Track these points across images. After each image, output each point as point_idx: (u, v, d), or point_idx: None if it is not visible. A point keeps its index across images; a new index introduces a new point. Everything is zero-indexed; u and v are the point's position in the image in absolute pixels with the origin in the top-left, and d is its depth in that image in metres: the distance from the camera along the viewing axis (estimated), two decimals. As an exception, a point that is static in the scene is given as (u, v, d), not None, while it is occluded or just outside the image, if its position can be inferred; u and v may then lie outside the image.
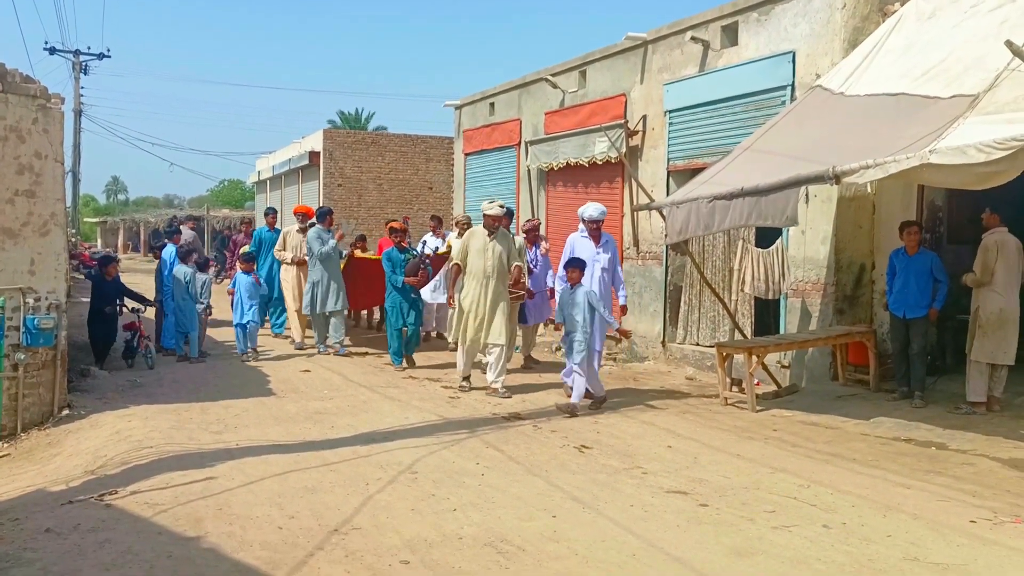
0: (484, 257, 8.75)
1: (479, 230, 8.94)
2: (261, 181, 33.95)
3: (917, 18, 7.99)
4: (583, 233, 8.85)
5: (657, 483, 5.70)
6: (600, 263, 8.70)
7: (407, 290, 10.35)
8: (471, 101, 17.16)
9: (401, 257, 10.41)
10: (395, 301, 10.39)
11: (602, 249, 8.79)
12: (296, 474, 5.81)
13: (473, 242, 8.88)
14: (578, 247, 8.76)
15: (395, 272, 10.28)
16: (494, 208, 8.85)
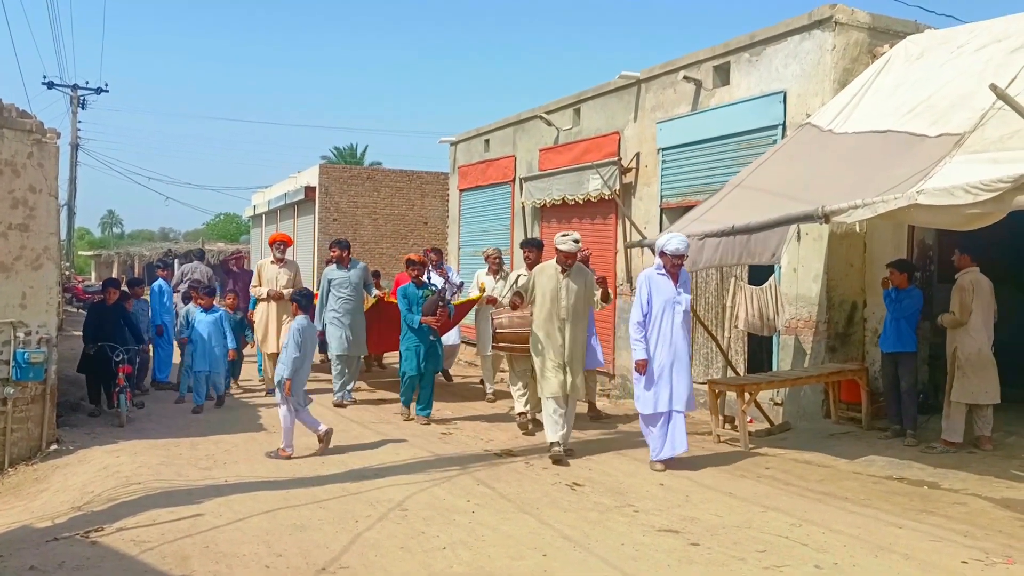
0: (557, 299, 7.55)
1: (549, 267, 7.71)
2: (257, 215, 34.07)
3: (906, 59, 8.11)
4: (660, 270, 7.33)
5: (649, 521, 5.67)
6: (681, 305, 7.28)
7: (425, 331, 9.18)
8: (466, 138, 17.30)
9: (418, 294, 9.25)
10: (411, 343, 9.16)
11: (682, 289, 7.35)
12: (285, 511, 5.77)
13: (543, 281, 7.64)
14: (655, 288, 7.29)
15: (411, 311, 9.14)
16: (568, 243, 7.55)
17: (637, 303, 7.32)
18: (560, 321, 7.52)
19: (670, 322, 7.22)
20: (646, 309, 7.25)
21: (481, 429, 8.88)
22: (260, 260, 11.46)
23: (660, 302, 7.24)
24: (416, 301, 9.17)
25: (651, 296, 7.26)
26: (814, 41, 8.98)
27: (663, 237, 7.36)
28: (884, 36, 8.85)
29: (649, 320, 7.25)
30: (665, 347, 7.22)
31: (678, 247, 7.18)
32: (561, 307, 7.53)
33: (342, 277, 10.50)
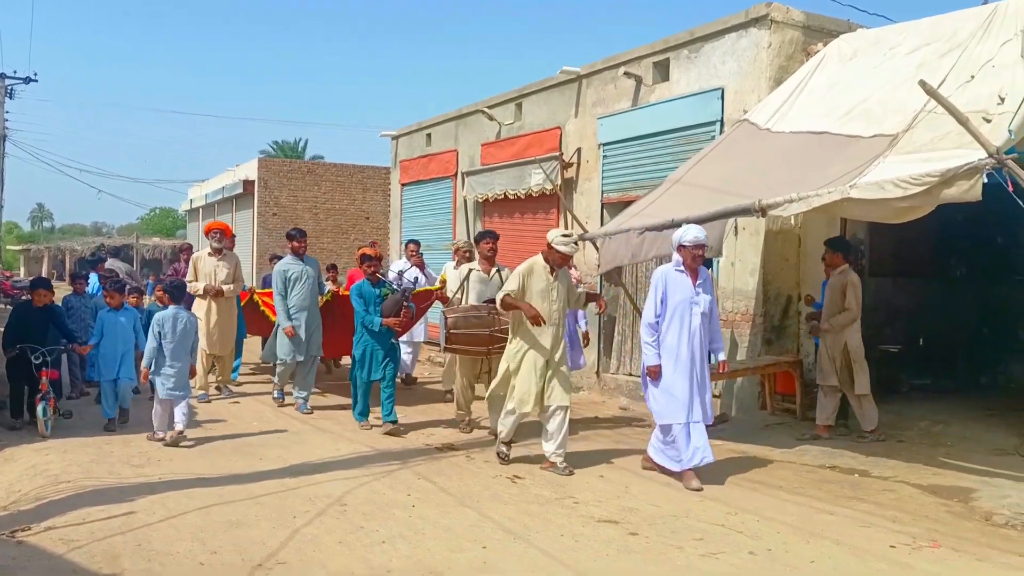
0: (548, 300, 6.86)
1: (538, 266, 6.95)
2: (194, 209, 33.44)
3: (839, 59, 8.28)
4: (678, 266, 6.64)
5: (588, 513, 5.70)
6: (699, 307, 6.60)
7: (385, 335, 8.28)
8: (408, 132, 17.20)
9: (375, 292, 8.29)
10: (367, 348, 8.25)
11: (701, 288, 6.65)
12: (220, 508, 5.66)
13: (533, 281, 6.90)
14: (671, 286, 6.64)
15: (368, 311, 8.23)
16: (569, 245, 6.87)
17: (651, 302, 6.68)
18: (550, 325, 6.86)
19: (687, 324, 6.57)
20: (660, 310, 6.62)
21: (422, 424, 8.83)
22: (196, 252, 10.54)
23: (676, 302, 6.59)
24: (373, 301, 8.26)
25: (666, 295, 6.61)
26: (751, 39, 9.13)
27: (681, 230, 6.68)
28: (818, 35, 9.04)
29: (663, 321, 6.63)
30: (681, 352, 6.57)
31: (697, 236, 6.56)
32: (553, 310, 6.88)
33: (300, 271, 9.47)
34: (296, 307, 9.37)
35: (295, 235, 9.76)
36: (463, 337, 7.89)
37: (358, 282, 8.52)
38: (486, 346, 7.91)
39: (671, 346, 6.60)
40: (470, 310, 8.09)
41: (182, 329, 7.81)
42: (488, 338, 7.87)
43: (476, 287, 8.54)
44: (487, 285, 8.44)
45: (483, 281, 8.51)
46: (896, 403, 9.47)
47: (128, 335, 8.55)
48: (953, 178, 5.43)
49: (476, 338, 7.89)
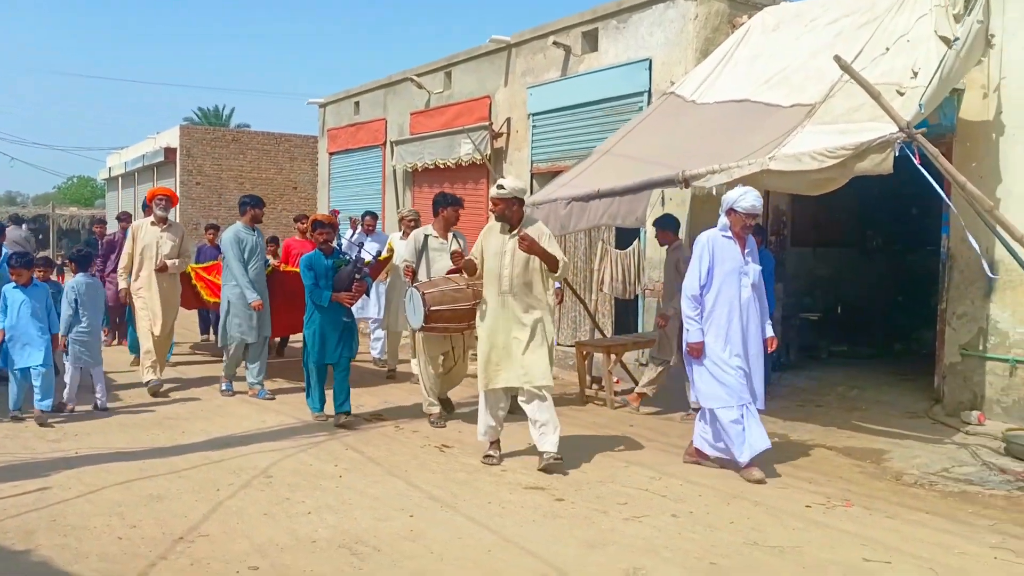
0: (499, 262, 6.04)
1: (496, 225, 6.21)
2: (113, 178, 32.41)
3: (763, 30, 8.41)
4: (725, 231, 5.97)
5: (515, 480, 5.76)
6: (749, 277, 5.95)
7: (336, 311, 7.41)
8: (336, 99, 16.91)
9: (327, 264, 7.38)
10: (318, 326, 7.34)
11: (750, 258, 6.03)
12: (141, 482, 5.55)
13: (489, 241, 6.16)
14: (719, 253, 5.95)
15: (319, 285, 7.32)
16: (493, 188, 6.12)
17: (694, 272, 5.96)
18: (501, 294, 6.04)
19: (736, 296, 5.90)
20: (704, 280, 5.93)
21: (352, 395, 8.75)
22: (136, 221, 9.21)
23: (723, 272, 5.91)
24: (324, 273, 7.33)
25: (712, 264, 5.93)
26: (678, 10, 9.20)
27: (735, 191, 5.93)
28: (743, 7, 9.15)
29: (707, 293, 5.95)
30: (731, 328, 5.90)
31: (755, 204, 5.84)
32: (504, 275, 6.02)
33: (254, 242, 8.50)
34: (251, 280, 8.40)
35: (254, 202, 8.65)
36: (445, 314, 7.00)
37: (308, 253, 7.55)
38: (467, 321, 7.07)
39: (718, 321, 5.90)
40: (446, 283, 7.17)
41: (95, 296, 7.91)
42: (470, 311, 6.91)
43: (437, 257, 7.76)
44: (444, 254, 7.61)
45: (442, 249, 7.74)
46: (816, 369, 9.80)
47: (38, 314, 7.36)
48: (866, 151, 5.59)
49: (459, 313, 7.05)
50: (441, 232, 7.90)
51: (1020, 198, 6.78)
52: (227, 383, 8.67)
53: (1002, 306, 7.09)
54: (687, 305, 6.00)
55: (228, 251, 8.38)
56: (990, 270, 6.84)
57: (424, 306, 6.92)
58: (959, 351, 7.41)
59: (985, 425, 7.03)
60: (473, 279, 6.60)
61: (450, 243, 7.76)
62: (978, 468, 6.04)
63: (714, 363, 5.91)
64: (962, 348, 7.39)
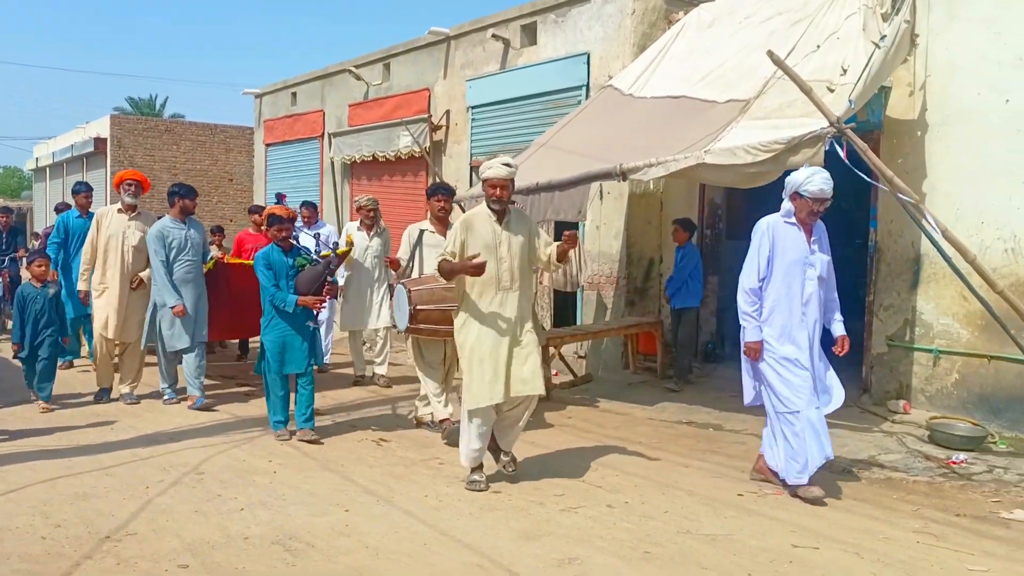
0: (495, 257, 5.28)
1: (480, 215, 5.39)
2: (40, 168, 31.44)
3: (698, 26, 8.51)
4: (788, 217, 5.36)
5: (453, 473, 5.74)
6: (815, 269, 5.37)
7: (301, 317, 6.54)
8: (272, 90, 16.65)
9: (287, 262, 6.56)
10: (280, 333, 6.48)
11: (817, 247, 5.44)
12: (66, 480, 5.39)
13: (474, 235, 5.32)
14: (781, 242, 5.35)
15: (278, 286, 6.47)
16: (496, 167, 5.30)
17: (753, 263, 5.39)
18: (500, 292, 5.35)
19: (799, 291, 5.32)
20: (764, 272, 5.35)
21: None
22: (102, 208, 8.21)
23: (786, 263, 5.32)
24: (285, 273, 6.50)
25: (773, 254, 5.35)
26: (615, 5, 9.26)
27: (800, 173, 5.31)
28: (679, 3, 9.26)
29: (767, 287, 5.37)
30: (792, 324, 5.33)
31: (823, 187, 5.20)
32: (503, 269, 5.32)
33: (182, 237, 7.65)
34: (180, 279, 7.58)
35: (184, 192, 7.78)
36: (433, 315, 6.27)
37: (264, 249, 6.69)
38: None
39: (779, 318, 5.34)
40: (436, 281, 6.27)
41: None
42: None
43: (433, 253, 6.62)
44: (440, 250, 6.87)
45: (438, 245, 6.66)
46: (749, 361, 9.92)
47: None
48: (798, 146, 5.70)
49: (447, 314, 6.13)
50: (438, 227, 6.95)
51: (944, 193, 6.99)
52: (170, 390, 7.83)
53: (926, 298, 7.31)
54: (744, 300, 5.39)
55: (149, 250, 7.56)
56: (916, 263, 7.07)
57: (410, 304, 6.24)
58: (886, 342, 7.61)
59: (910, 414, 7.23)
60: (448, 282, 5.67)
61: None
62: (903, 456, 6.22)
63: (777, 362, 5.32)
64: (889, 339, 7.59)
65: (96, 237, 7.82)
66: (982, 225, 6.77)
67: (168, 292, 7.50)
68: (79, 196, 9.56)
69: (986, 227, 6.77)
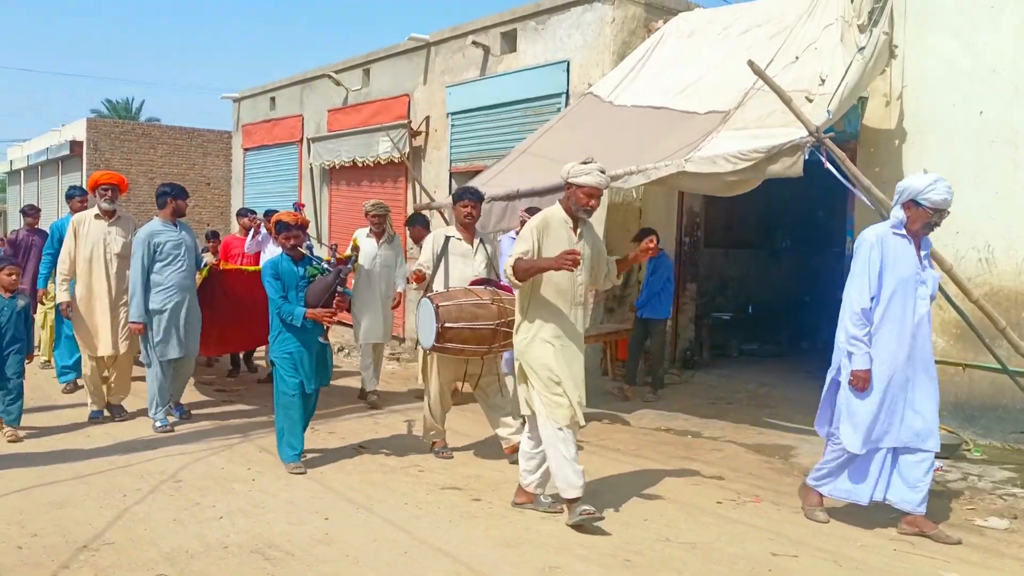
0: (571, 271, 4.82)
1: (556, 218, 4.96)
2: (14, 171, 31.12)
3: (678, 36, 8.58)
4: (898, 228, 4.80)
5: (433, 480, 5.73)
6: (927, 287, 4.82)
7: (311, 331, 6.04)
8: (251, 95, 16.56)
9: (297, 272, 6.02)
10: (289, 348, 5.98)
11: (927, 262, 4.91)
12: (42, 488, 5.32)
13: (550, 239, 4.88)
14: (891, 257, 4.76)
15: (286, 298, 5.96)
16: (594, 174, 4.83)
17: (862, 278, 4.78)
18: (574, 306, 5.00)
19: (910, 312, 4.75)
20: (875, 290, 4.77)
21: (264, 395, 8.58)
22: (79, 214, 7.58)
23: (896, 279, 4.74)
24: (295, 284, 5.99)
25: (883, 269, 4.76)
26: (595, 13, 9.30)
27: (919, 179, 4.73)
28: (659, 12, 9.32)
29: (875, 307, 4.78)
30: (900, 351, 4.76)
31: (947, 196, 4.66)
32: (577, 283, 4.96)
33: (175, 239, 7.13)
34: (175, 285, 7.02)
35: (176, 192, 7.24)
36: (462, 333, 5.81)
37: (273, 258, 6.15)
38: (488, 344, 5.94)
39: (886, 342, 4.76)
40: (466, 295, 5.96)
41: None
42: (492, 333, 5.88)
43: (459, 263, 6.35)
44: (471, 260, 6.37)
45: (466, 255, 6.38)
46: (727, 367, 10.03)
47: None
48: (777, 155, 5.75)
49: (478, 334, 5.85)
50: (464, 234, 6.44)
51: (919, 203, 7.06)
52: (161, 416, 7.07)
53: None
54: (853, 322, 4.77)
55: (134, 255, 6.99)
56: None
57: (437, 321, 5.75)
58: (862, 350, 7.66)
59: (886, 421, 7.29)
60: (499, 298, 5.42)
61: (477, 249, 6.43)
62: (879, 462, 6.27)
63: (880, 394, 4.76)
64: (865, 347, 7.65)
65: (74, 246, 7.24)
66: (956, 235, 6.85)
67: (138, 305, 6.91)
68: (73, 201, 8.76)
69: (960, 237, 6.86)
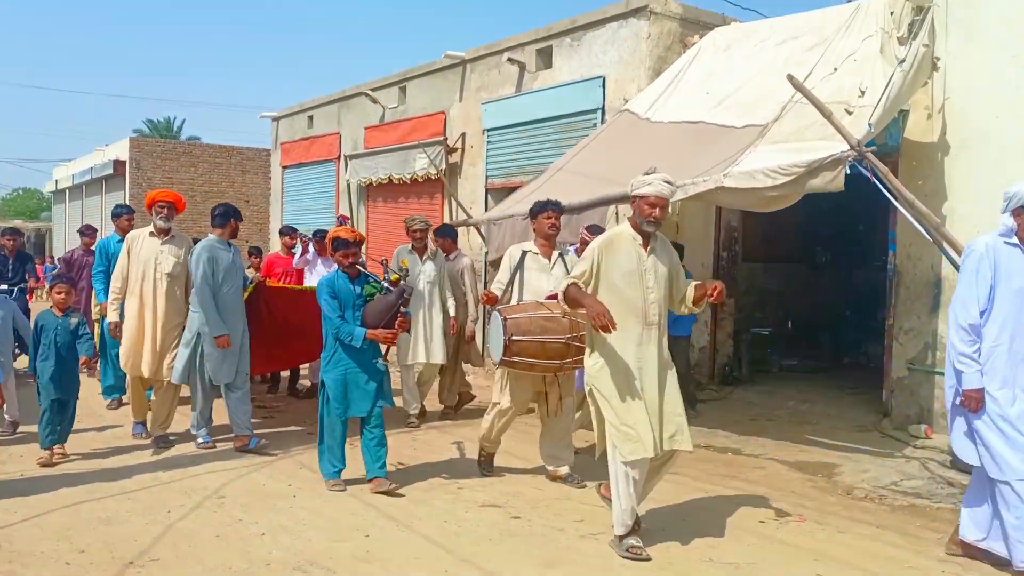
0: (640, 287, 4.69)
1: (623, 237, 4.79)
2: (60, 191, 31.81)
3: (714, 51, 8.55)
4: (1009, 237, 4.52)
5: (472, 498, 5.73)
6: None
7: (368, 352, 5.82)
8: (289, 113, 16.80)
9: (354, 291, 5.81)
10: (344, 370, 5.78)
11: None
12: (89, 504, 5.41)
13: (615, 260, 4.71)
14: (1004, 267, 4.46)
15: (343, 318, 5.75)
16: (656, 184, 4.67)
17: (970, 291, 4.49)
18: (647, 326, 4.72)
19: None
20: (985, 304, 4.47)
21: (305, 412, 8.65)
22: (133, 232, 7.44)
23: (1010, 291, 4.43)
24: (352, 303, 5.79)
25: (995, 281, 4.46)
26: (630, 29, 9.31)
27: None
28: (694, 27, 9.31)
29: (987, 322, 4.47)
30: (1018, 367, 4.44)
31: None
32: (650, 303, 4.70)
33: (228, 260, 6.99)
34: (227, 307, 6.91)
35: (235, 213, 7.16)
36: (531, 347, 5.60)
37: (329, 275, 5.97)
38: (560, 359, 5.68)
39: (1000, 359, 4.43)
40: (536, 308, 5.76)
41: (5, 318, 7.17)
42: (564, 348, 5.64)
43: (534, 278, 6.14)
44: (547, 275, 6.12)
45: (543, 269, 6.16)
46: (767, 383, 9.92)
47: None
48: (818, 169, 5.70)
49: (548, 348, 5.63)
50: (543, 248, 6.22)
51: (964, 216, 6.97)
52: (205, 432, 7.10)
53: (947, 322, 7.23)
54: (960, 338, 4.47)
55: (198, 271, 6.80)
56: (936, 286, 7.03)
57: (505, 333, 5.56)
58: (906, 366, 7.56)
59: (932, 439, 7.18)
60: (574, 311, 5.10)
61: (554, 263, 6.18)
62: (926, 481, 6.16)
63: (1001, 418, 4.38)
64: (909, 363, 7.54)
65: (127, 264, 7.09)
66: (1002, 248, 6.72)
67: (215, 320, 6.79)
68: (120, 219, 8.75)
69: (1006, 250, 6.73)
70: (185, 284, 7.12)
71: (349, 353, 5.76)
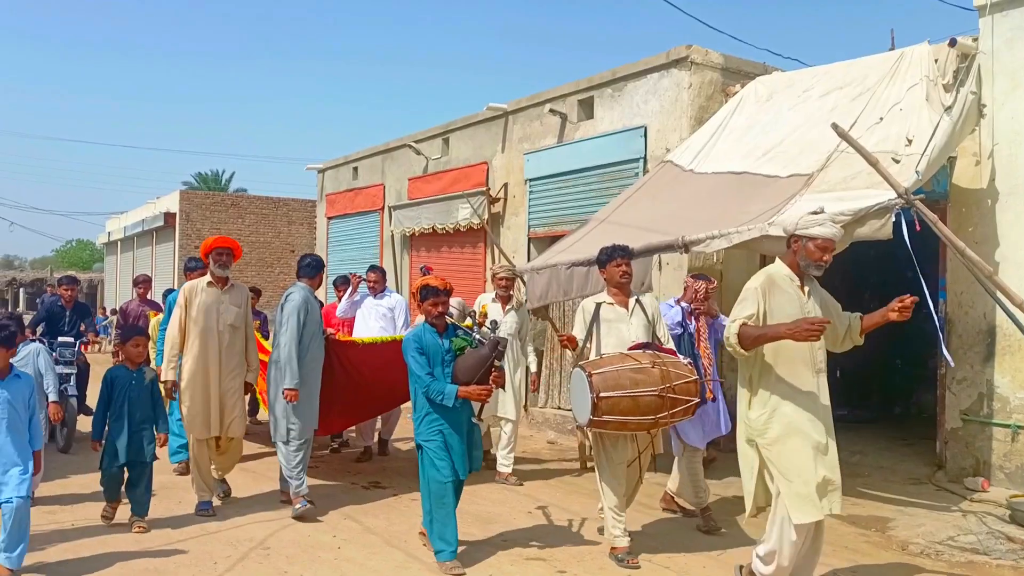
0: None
1: (780, 275, 4.53)
2: (112, 242, 32.63)
3: (756, 100, 8.57)
4: None
5: (517, 551, 5.67)
6: None
7: (462, 411, 5.38)
8: (334, 165, 17.13)
9: (442, 345, 5.37)
10: (438, 430, 5.33)
11: None
12: (138, 555, 5.45)
13: (777, 300, 4.43)
14: None
15: (432, 374, 5.30)
16: (827, 225, 4.48)
17: None
18: (815, 373, 4.46)
19: None
20: None
21: (347, 461, 8.66)
22: (190, 282, 6.91)
23: None
24: (441, 359, 5.35)
25: None
26: (672, 79, 9.38)
27: None
28: (736, 76, 9.34)
29: None
30: None
31: None
32: (816, 348, 4.45)
33: (318, 312, 6.89)
34: (312, 359, 6.69)
35: (322, 264, 7.09)
36: (622, 403, 5.09)
37: (415, 329, 5.55)
38: (655, 414, 5.16)
39: None
40: (623, 360, 5.22)
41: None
42: (657, 401, 5.13)
43: (613, 329, 5.54)
44: (627, 324, 5.56)
45: (621, 319, 5.58)
46: (816, 434, 9.68)
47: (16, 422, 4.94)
48: (865, 217, 5.65)
49: (640, 403, 5.12)
50: (618, 298, 5.68)
51: (1016, 263, 6.84)
52: (304, 497, 6.45)
53: (1002, 371, 7.09)
54: None
55: (291, 320, 6.51)
56: (989, 335, 6.87)
57: (591, 391, 5.07)
58: (960, 416, 7.38)
59: (989, 492, 6.96)
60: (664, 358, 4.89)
61: (633, 310, 5.61)
62: (984, 536, 5.97)
63: None
64: (963, 413, 7.36)
65: (184, 317, 6.57)
66: (1058, 295, 6.57)
67: (294, 372, 6.45)
68: (193, 273, 7.84)
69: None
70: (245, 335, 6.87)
71: (441, 412, 5.30)
